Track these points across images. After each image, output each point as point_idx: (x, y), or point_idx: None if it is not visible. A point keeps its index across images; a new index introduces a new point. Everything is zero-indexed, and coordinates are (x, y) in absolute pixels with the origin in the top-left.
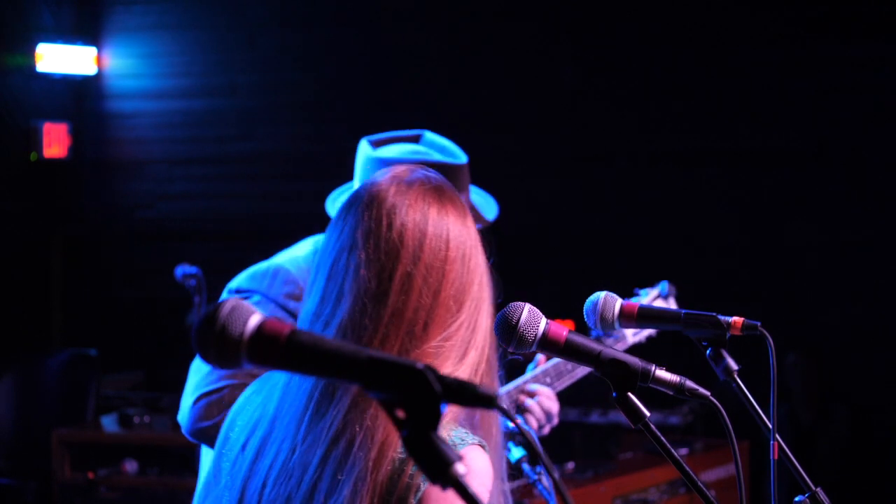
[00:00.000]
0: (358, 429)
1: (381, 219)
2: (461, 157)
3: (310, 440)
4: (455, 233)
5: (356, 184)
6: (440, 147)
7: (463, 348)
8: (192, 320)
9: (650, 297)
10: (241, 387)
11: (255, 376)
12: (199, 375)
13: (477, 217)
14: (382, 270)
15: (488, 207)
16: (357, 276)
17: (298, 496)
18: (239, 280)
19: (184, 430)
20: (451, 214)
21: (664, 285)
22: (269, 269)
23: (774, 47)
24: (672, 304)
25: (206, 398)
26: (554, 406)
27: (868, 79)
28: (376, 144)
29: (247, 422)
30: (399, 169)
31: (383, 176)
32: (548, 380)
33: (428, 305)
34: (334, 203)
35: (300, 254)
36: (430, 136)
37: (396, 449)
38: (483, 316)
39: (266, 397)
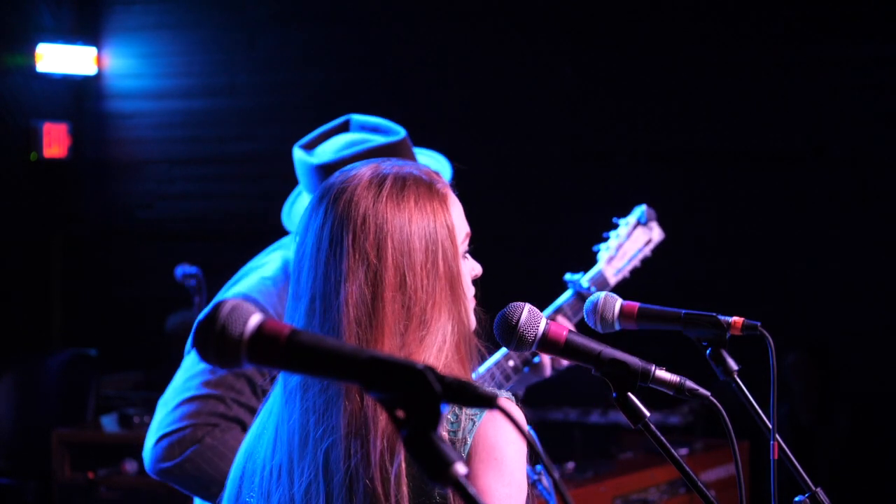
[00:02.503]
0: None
1: (355, 222)
2: (400, 132)
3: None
4: (428, 230)
5: (304, 193)
6: (373, 128)
7: (437, 347)
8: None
9: (629, 226)
10: (204, 427)
11: (220, 415)
12: (163, 412)
13: None
14: (364, 271)
15: (442, 169)
16: (340, 286)
17: None
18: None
19: (147, 470)
20: (428, 210)
21: (642, 210)
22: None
23: (774, 47)
24: (654, 229)
25: (168, 438)
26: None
27: (868, 79)
28: (309, 147)
29: (263, 461)
30: (369, 167)
31: (353, 177)
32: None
33: (417, 300)
34: (290, 215)
35: (268, 273)
36: (357, 118)
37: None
38: (458, 318)
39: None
